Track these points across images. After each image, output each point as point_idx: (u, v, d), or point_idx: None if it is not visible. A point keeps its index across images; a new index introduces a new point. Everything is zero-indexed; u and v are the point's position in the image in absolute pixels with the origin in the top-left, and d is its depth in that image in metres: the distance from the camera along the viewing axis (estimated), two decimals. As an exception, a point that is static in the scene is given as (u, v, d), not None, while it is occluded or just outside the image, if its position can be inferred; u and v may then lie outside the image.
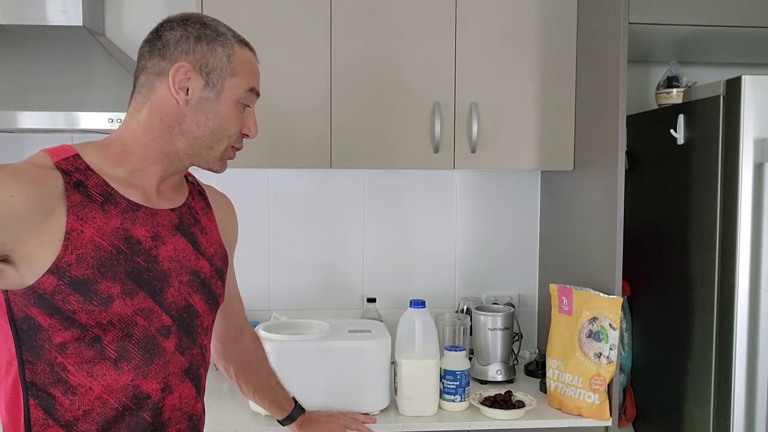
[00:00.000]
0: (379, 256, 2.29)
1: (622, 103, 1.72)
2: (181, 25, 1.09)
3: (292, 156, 1.92)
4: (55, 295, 0.97)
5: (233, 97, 1.11)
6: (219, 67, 1.09)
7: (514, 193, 2.33)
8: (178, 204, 1.15)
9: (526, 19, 1.96)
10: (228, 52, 1.10)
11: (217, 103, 1.09)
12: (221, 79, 1.09)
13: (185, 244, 1.13)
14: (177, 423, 1.11)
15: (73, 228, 0.98)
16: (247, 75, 1.12)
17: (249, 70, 1.13)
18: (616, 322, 1.73)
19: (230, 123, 1.11)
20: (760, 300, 1.56)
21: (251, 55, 1.15)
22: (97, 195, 1.02)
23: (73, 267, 0.97)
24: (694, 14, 1.84)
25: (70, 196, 1.00)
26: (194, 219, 1.18)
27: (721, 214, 1.60)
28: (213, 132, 1.10)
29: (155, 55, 1.08)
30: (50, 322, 0.98)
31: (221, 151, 1.13)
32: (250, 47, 1.15)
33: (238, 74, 1.11)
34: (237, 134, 1.14)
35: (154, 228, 1.08)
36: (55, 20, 1.90)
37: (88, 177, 1.03)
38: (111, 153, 1.08)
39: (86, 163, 1.04)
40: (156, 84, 1.08)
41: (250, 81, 1.13)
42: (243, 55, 1.12)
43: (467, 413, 1.78)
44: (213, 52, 1.08)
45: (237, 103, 1.11)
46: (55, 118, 1.77)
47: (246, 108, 1.14)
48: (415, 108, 1.93)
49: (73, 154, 1.04)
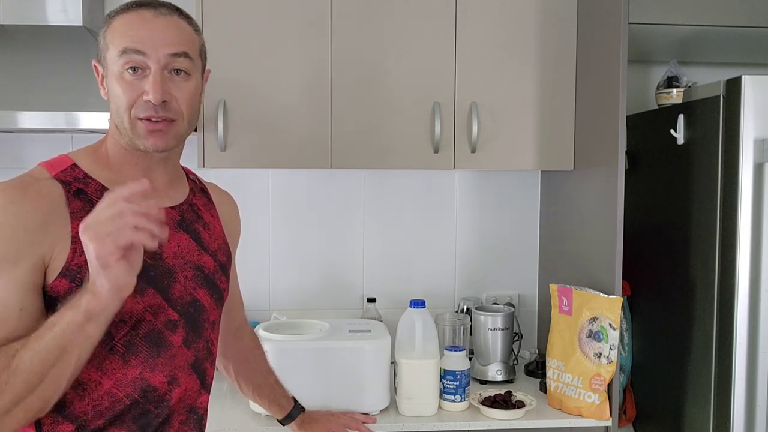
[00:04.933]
0: (379, 256, 2.29)
1: (622, 103, 1.72)
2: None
3: (292, 156, 1.91)
4: (68, 297, 0.97)
5: (114, 70, 1.05)
6: (102, 49, 1.08)
7: (514, 193, 2.33)
8: (178, 201, 1.17)
9: (526, 20, 1.95)
10: (104, 32, 1.07)
11: (110, 82, 1.07)
12: (105, 60, 1.08)
13: (188, 240, 1.14)
14: (180, 415, 1.13)
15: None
16: (118, 40, 1.05)
17: (120, 33, 1.05)
18: (616, 322, 1.73)
19: (122, 96, 1.05)
20: (760, 300, 1.56)
21: (129, 16, 1.06)
22: (97, 200, 1.02)
23: (83, 269, 0.98)
24: (694, 14, 1.84)
25: (71, 204, 1.02)
26: (196, 215, 1.19)
27: (721, 214, 1.60)
28: (116, 111, 1.07)
29: None
30: None
31: (131, 127, 1.06)
32: (131, 9, 1.07)
33: (110, 46, 1.06)
34: (132, 105, 1.05)
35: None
36: (55, 20, 1.90)
37: (88, 184, 1.05)
38: (99, 155, 1.11)
39: (84, 171, 1.06)
40: None
41: (119, 44, 1.04)
42: (116, 23, 1.06)
43: (467, 413, 1.78)
44: (101, 40, 1.08)
45: (119, 74, 1.05)
46: (55, 118, 1.76)
47: (136, 72, 1.05)
48: (415, 108, 1.93)
49: (70, 164, 1.06)
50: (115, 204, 0.91)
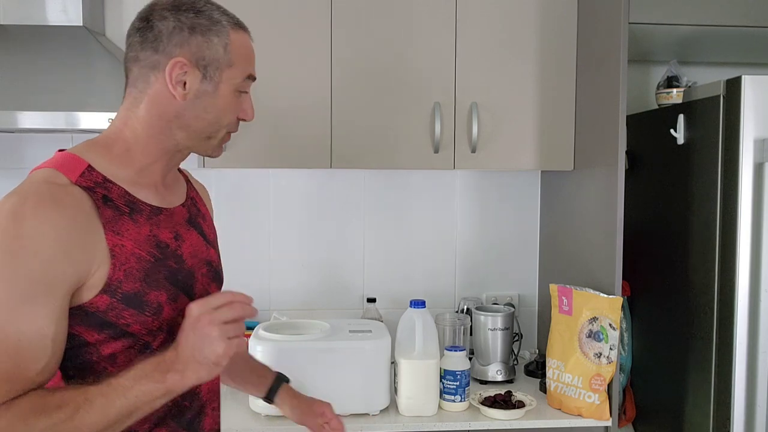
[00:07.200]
0: (379, 256, 2.29)
1: (622, 103, 1.72)
2: (173, 13, 1.03)
3: (292, 156, 1.92)
4: (108, 312, 0.97)
5: (231, 88, 1.06)
6: (215, 59, 1.04)
7: (514, 193, 2.33)
8: (183, 198, 1.16)
9: (526, 20, 1.95)
10: (224, 42, 1.04)
11: (215, 95, 1.05)
12: (218, 71, 1.04)
13: (197, 237, 1.14)
14: (211, 402, 1.17)
15: (115, 244, 0.97)
16: (244, 63, 1.07)
17: (245, 56, 1.08)
18: (616, 322, 1.73)
19: (228, 113, 1.08)
20: (760, 300, 1.56)
21: (247, 38, 1.09)
22: (123, 206, 1.01)
23: (123, 283, 0.97)
24: (694, 14, 1.84)
25: (102, 213, 0.97)
26: (197, 209, 1.19)
27: (721, 214, 1.60)
28: (211, 123, 1.07)
29: (147, 47, 1.03)
30: (98, 337, 0.98)
31: (219, 139, 1.10)
32: (244, 29, 1.09)
33: (234, 64, 1.06)
34: (234, 121, 1.11)
35: (174, 228, 1.08)
36: (55, 20, 1.90)
37: (110, 190, 1.00)
38: (115, 154, 1.05)
39: (102, 174, 1.01)
40: (151, 78, 1.03)
41: (246, 68, 1.08)
42: (239, 42, 1.07)
43: (467, 413, 1.78)
44: (209, 43, 1.03)
45: (234, 92, 1.07)
46: (55, 118, 1.76)
47: (242, 94, 1.10)
48: (415, 108, 1.93)
49: (86, 166, 1.00)
50: (235, 309, 0.97)
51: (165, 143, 1.07)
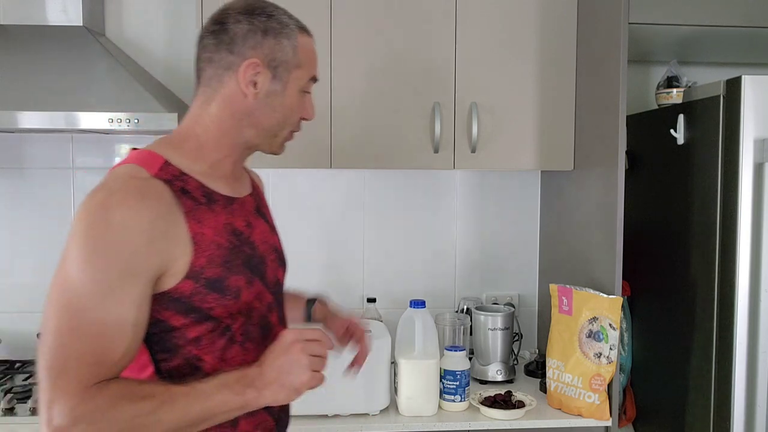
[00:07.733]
0: (379, 256, 2.29)
1: (622, 103, 1.72)
2: (247, 17, 1.10)
3: (292, 156, 1.90)
4: (193, 297, 1.02)
5: (297, 88, 1.13)
6: (285, 60, 1.11)
7: (514, 193, 2.33)
8: (249, 188, 1.22)
9: (526, 19, 1.96)
10: (293, 44, 1.12)
11: (284, 95, 1.12)
12: (287, 71, 1.11)
13: (264, 224, 1.21)
14: None
15: (196, 232, 1.03)
16: (309, 64, 1.15)
17: (311, 59, 1.16)
18: (616, 322, 1.73)
19: (294, 112, 1.15)
20: (760, 300, 1.56)
21: (311, 41, 1.17)
22: (200, 197, 1.06)
23: (206, 269, 1.02)
24: (694, 14, 1.84)
25: (182, 203, 1.03)
26: (260, 199, 1.26)
27: (721, 214, 1.60)
28: (279, 122, 1.14)
29: (222, 49, 1.09)
30: (184, 321, 1.03)
31: (283, 137, 1.18)
32: (309, 33, 1.17)
33: (302, 65, 1.13)
34: (297, 120, 1.17)
35: (246, 216, 1.15)
36: (55, 20, 1.90)
37: (186, 182, 1.06)
38: (188, 149, 1.10)
39: (178, 168, 1.06)
40: (225, 78, 1.09)
41: (312, 70, 1.16)
42: (305, 45, 1.14)
43: (467, 413, 1.78)
44: (279, 45, 1.10)
45: (300, 92, 1.14)
46: (55, 118, 1.76)
47: (306, 94, 1.17)
48: (415, 108, 1.93)
49: (163, 161, 1.05)
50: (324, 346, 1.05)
51: (235, 140, 1.13)
